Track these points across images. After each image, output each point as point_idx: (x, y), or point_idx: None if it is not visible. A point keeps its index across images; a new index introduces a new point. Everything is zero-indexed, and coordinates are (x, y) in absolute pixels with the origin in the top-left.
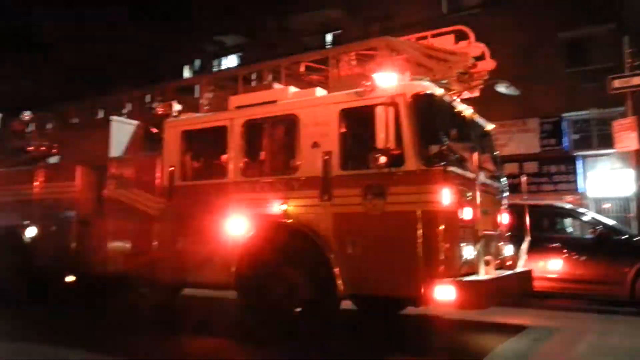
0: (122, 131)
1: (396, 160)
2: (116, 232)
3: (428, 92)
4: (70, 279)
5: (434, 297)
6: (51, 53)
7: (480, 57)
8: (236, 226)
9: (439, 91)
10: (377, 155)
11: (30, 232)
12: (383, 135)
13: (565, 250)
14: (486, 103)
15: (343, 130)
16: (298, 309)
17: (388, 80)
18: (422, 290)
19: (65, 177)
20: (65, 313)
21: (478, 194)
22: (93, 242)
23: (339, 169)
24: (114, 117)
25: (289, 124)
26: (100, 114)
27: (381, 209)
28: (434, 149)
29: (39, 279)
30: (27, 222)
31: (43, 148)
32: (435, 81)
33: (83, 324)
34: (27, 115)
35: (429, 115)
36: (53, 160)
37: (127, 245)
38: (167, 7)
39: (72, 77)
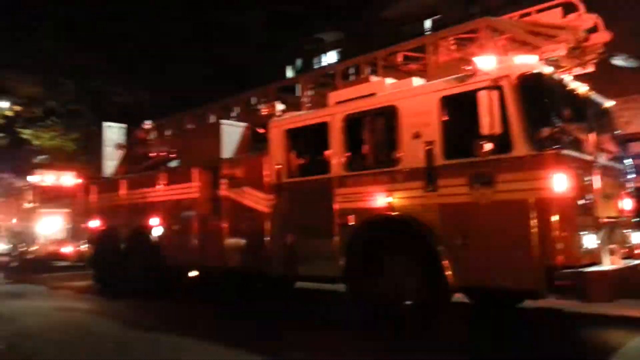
0: (231, 133)
1: (503, 146)
2: (231, 228)
3: (535, 71)
4: (193, 273)
5: (554, 290)
6: (166, 64)
7: (593, 29)
8: (342, 220)
9: (547, 69)
10: (482, 142)
11: (157, 231)
12: (488, 121)
13: None
14: (604, 78)
15: (445, 118)
16: (407, 302)
17: (490, 62)
18: (540, 282)
19: (184, 179)
20: (190, 305)
21: (597, 177)
22: (211, 239)
23: (443, 159)
24: (223, 121)
25: (389, 115)
26: (212, 119)
27: (490, 198)
28: (545, 131)
29: (167, 274)
30: (153, 222)
31: (163, 153)
32: (543, 59)
33: (205, 315)
34: (148, 124)
35: (538, 96)
36: (173, 164)
37: (242, 241)
38: (266, 9)
39: (184, 84)
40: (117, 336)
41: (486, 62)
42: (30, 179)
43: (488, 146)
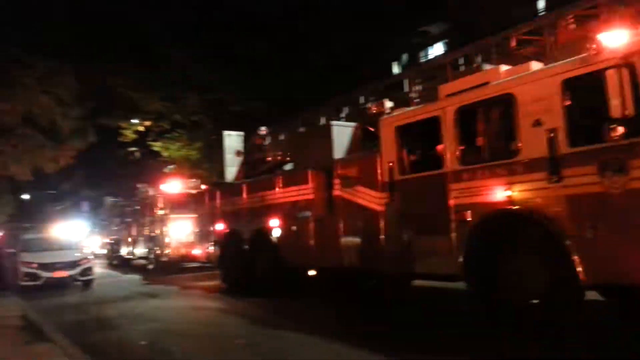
0: (342, 134)
1: (637, 129)
2: (346, 228)
3: None
4: (312, 272)
5: None
6: (272, 70)
7: None
8: (459, 216)
9: None
10: (612, 126)
11: (276, 232)
12: (618, 102)
13: None
14: None
15: (568, 103)
16: (534, 301)
17: (617, 38)
18: None
19: (299, 181)
20: (311, 304)
21: None
22: (327, 238)
23: (567, 146)
24: (333, 122)
25: (505, 104)
26: (322, 120)
27: (623, 186)
28: None
29: (288, 273)
30: (272, 223)
31: (278, 157)
32: None
33: (327, 313)
34: (263, 130)
35: None
36: (287, 167)
37: (357, 239)
38: (368, 7)
39: (293, 89)
40: (246, 334)
41: (612, 38)
42: (161, 187)
43: (619, 130)
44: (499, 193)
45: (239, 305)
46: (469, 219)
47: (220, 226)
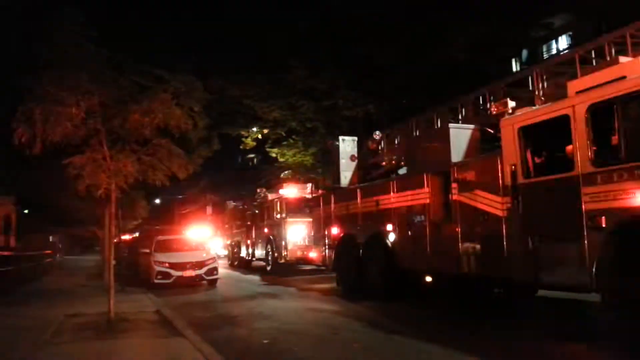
0: (460, 136)
1: None
2: (465, 233)
3: None
4: (428, 279)
5: None
6: (387, 73)
7: None
8: (592, 222)
9: None
10: None
11: (391, 236)
12: None
13: None
14: None
15: None
16: None
17: None
18: None
19: (415, 186)
20: (429, 310)
21: None
22: (444, 244)
23: None
24: (451, 124)
25: None
26: (438, 123)
27: None
28: None
29: (403, 278)
30: (387, 228)
31: (394, 161)
32: None
33: (445, 320)
34: (377, 134)
35: None
36: (402, 171)
37: (477, 245)
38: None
39: (407, 92)
40: (363, 337)
41: None
42: (280, 191)
43: None
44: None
45: (354, 308)
46: (604, 225)
47: (335, 230)
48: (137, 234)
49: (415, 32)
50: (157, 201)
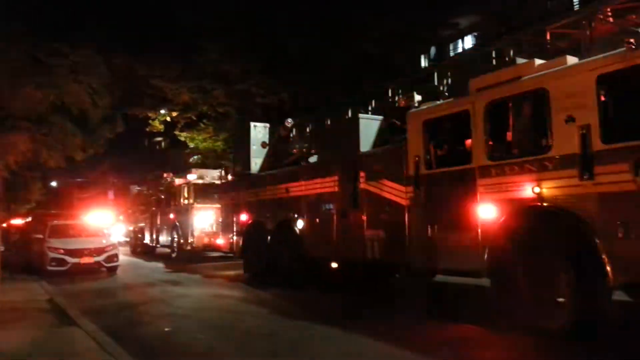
0: (369, 127)
1: None
2: (370, 221)
3: None
4: (334, 265)
5: None
6: (301, 62)
7: None
8: (486, 212)
9: None
10: None
11: (300, 223)
12: None
13: None
14: None
15: (603, 98)
16: (560, 299)
17: None
18: None
19: (324, 174)
20: (334, 296)
21: None
22: (351, 231)
23: (601, 143)
24: (361, 115)
25: (538, 99)
26: (349, 113)
27: None
28: None
29: (311, 265)
30: (296, 215)
31: (304, 149)
32: None
33: (348, 306)
34: (289, 122)
35: None
36: (313, 159)
37: (381, 233)
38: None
39: (321, 81)
40: (267, 323)
41: None
42: (187, 177)
43: None
44: (529, 190)
45: (261, 295)
46: (496, 215)
47: (244, 217)
48: (30, 219)
49: (327, 22)
50: (54, 184)
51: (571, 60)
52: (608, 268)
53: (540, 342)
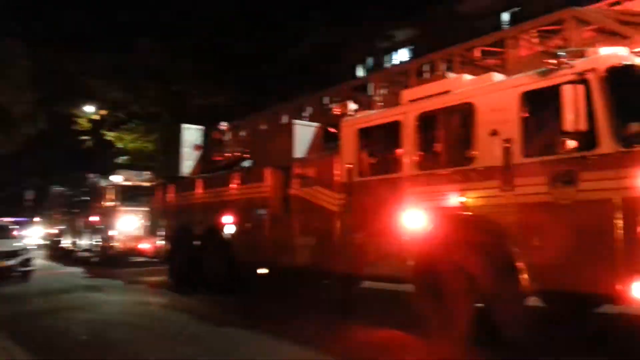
0: (304, 133)
1: (588, 142)
2: (301, 227)
3: (625, 63)
4: (262, 271)
5: (634, 295)
6: (239, 66)
7: None
8: (413, 220)
9: (638, 61)
10: (565, 139)
11: (229, 229)
12: (572, 117)
13: None
14: None
15: (524, 114)
16: (479, 305)
17: (576, 55)
18: (622, 287)
19: (257, 179)
20: (261, 302)
21: None
22: (281, 237)
23: (521, 157)
24: (296, 121)
25: (465, 113)
26: (284, 119)
27: (572, 198)
28: (634, 127)
29: (239, 271)
30: (226, 220)
31: (237, 153)
32: (634, 50)
33: (276, 311)
34: (223, 125)
35: (627, 90)
36: (246, 164)
37: (312, 239)
38: (337, 7)
39: (258, 86)
40: (190, 329)
41: (571, 55)
42: (112, 178)
43: (571, 143)
44: (454, 199)
45: (186, 301)
46: (422, 223)
47: (172, 221)
48: None
49: (264, 27)
50: None
51: (497, 77)
52: (524, 275)
53: (454, 346)
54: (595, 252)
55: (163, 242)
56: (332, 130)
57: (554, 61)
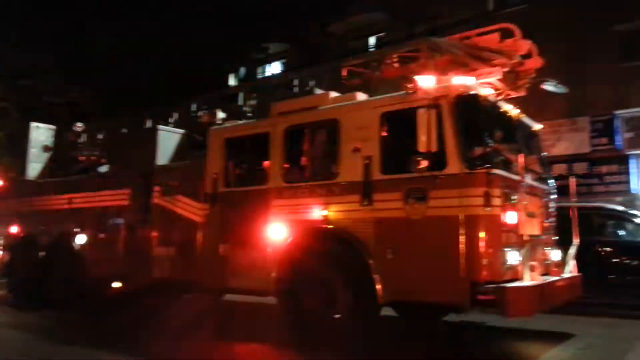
0: (168, 140)
1: (438, 163)
2: (161, 238)
3: (472, 92)
4: (116, 284)
5: (477, 304)
6: (102, 65)
7: (527, 55)
8: (277, 232)
9: (483, 91)
10: (418, 159)
11: (80, 239)
12: (425, 138)
13: (616, 255)
14: (535, 102)
15: (384, 134)
16: (337, 315)
17: (430, 81)
18: (464, 296)
19: (115, 185)
20: (107, 317)
21: (523, 196)
22: (139, 249)
23: (380, 173)
24: (160, 127)
25: (330, 129)
26: (148, 124)
27: (423, 214)
28: (478, 151)
29: (89, 285)
30: (77, 229)
31: (94, 157)
32: (480, 81)
33: (119, 327)
34: (79, 126)
35: (473, 116)
36: (103, 169)
37: (172, 251)
38: (212, 15)
39: (121, 88)
40: (31, 350)
41: (426, 81)
42: None
43: (424, 163)
44: (317, 212)
45: (27, 318)
46: (285, 235)
47: (14, 229)
48: None
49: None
50: None
51: (361, 96)
52: (378, 286)
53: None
54: (442, 265)
55: (3, 253)
56: (199, 138)
57: (412, 85)
